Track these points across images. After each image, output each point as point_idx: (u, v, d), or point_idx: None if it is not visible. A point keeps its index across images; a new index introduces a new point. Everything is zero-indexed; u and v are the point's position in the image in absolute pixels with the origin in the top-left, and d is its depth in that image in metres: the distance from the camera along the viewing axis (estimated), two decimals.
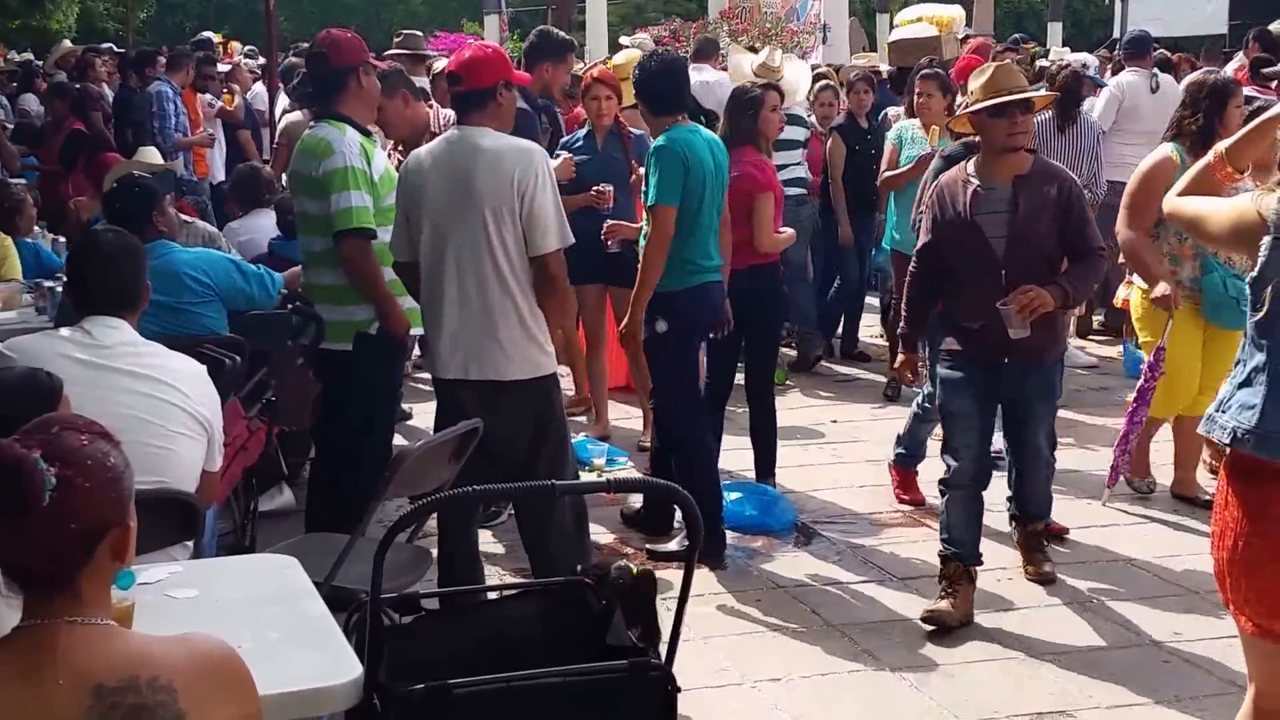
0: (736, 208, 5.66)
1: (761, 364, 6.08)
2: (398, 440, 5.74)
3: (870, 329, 9.10)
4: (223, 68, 12.82)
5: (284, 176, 6.79)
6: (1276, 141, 3.54)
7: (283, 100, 10.37)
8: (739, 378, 6.08)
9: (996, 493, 5.14)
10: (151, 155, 8.62)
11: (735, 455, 6.24)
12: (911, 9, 12.27)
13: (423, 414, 6.71)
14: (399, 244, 4.44)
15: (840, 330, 9.05)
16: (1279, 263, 2.91)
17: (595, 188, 6.45)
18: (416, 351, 6.80)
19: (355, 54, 4.88)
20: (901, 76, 9.99)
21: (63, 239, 7.34)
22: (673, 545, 5.40)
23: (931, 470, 5.55)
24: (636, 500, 5.84)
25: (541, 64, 6.71)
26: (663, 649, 2.86)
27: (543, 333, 4.34)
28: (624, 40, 11.96)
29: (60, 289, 5.42)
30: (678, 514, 5.54)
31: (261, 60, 14.72)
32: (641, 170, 5.80)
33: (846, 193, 8.56)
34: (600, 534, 5.47)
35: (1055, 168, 4.83)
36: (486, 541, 5.25)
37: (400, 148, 6.30)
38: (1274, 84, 9.42)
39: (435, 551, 4.35)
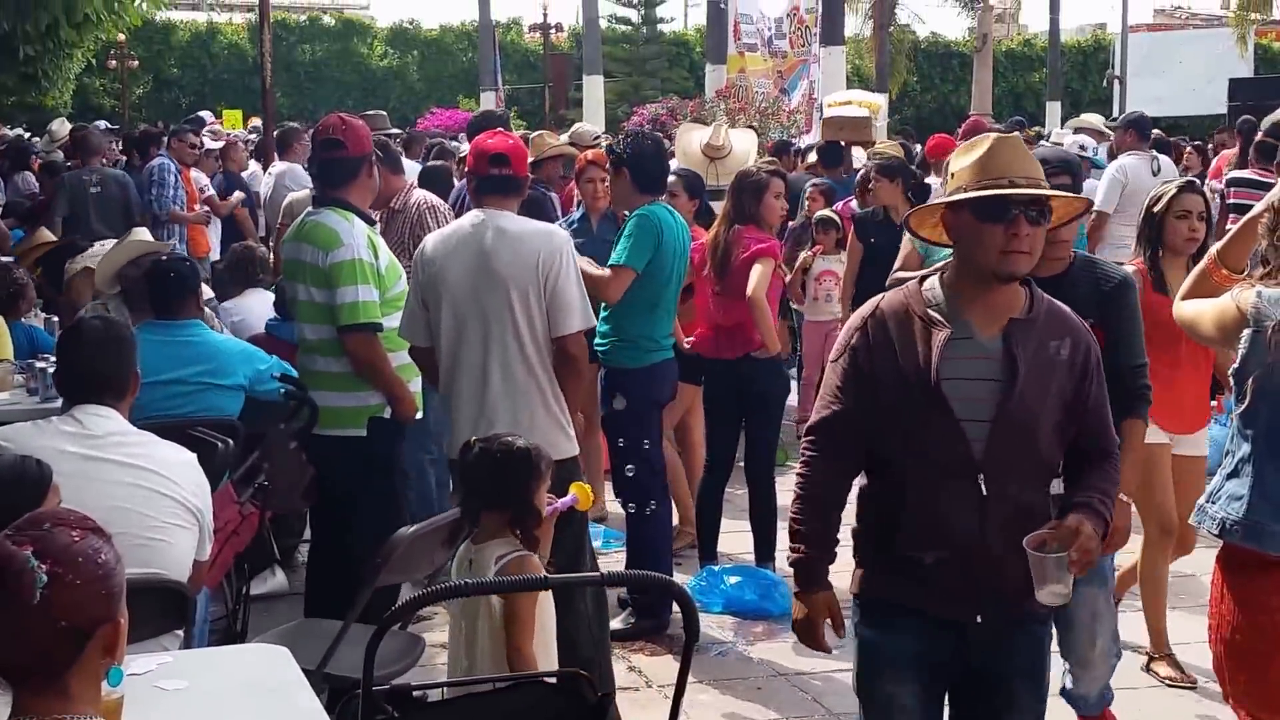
0: (741, 284, 5.77)
1: (762, 446, 6.10)
2: None
3: None
4: (215, 144, 12.94)
5: None
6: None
7: (275, 167, 10.45)
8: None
9: None
10: (142, 235, 8.65)
11: (735, 538, 6.22)
12: (841, 94, 12.66)
13: None
14: (415, 329, 4.48)
15: None
16: (1259, 354, 2.97)
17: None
18: None
19: (368, 143, 4.94)
20: (833, 150, 10.16)
21: (56, 318, 7.36)
22: (617, 623, 5.36)
23: None
24: None
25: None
26: None
27: (565, 415, 4.40)
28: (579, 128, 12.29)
29: (51, 370, 5.44)
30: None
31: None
32: None
33: (857, 294, 7.42)
34: None
35: (1064, 312, 2.99)
36: None
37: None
38: (1275, 165, 9.54)
39: (427, 638, 4.34)
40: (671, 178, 6.25)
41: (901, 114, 30.97)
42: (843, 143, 10.34)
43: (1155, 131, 11.47)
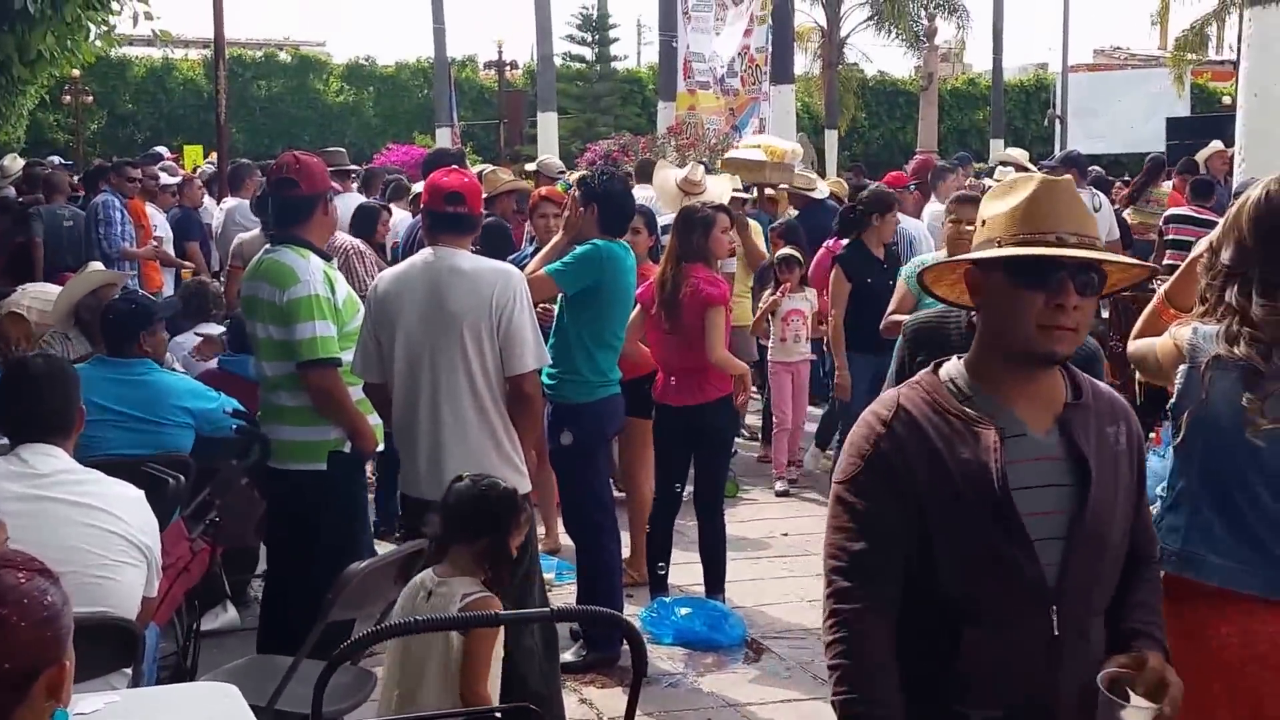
0: (692, 324, 5.78)
1: (712, 479, 6.11)
2: None
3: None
4: (171, 179, 12.86)
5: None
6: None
7: (227, 203, 10.40)
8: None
9: None
10: (97, 267, 8.58)
11: (685, 570, 6.23)
12: (755, 138, 12.79)
13: None
14: (368, 365, 4.47)
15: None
16: (1194, 390, 3.00)
17: (540, 305, 6.51)
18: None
19: (324, 180, 4.94)
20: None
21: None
22: (569, 655, 5.35)
23: None
24: None
25: None
26: None
27: (517, 453, 4.40)
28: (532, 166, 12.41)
29: None
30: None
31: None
32: None
33: (849, 336, 7.26)
34: None
35: (1108, 391, 2.51)
36: None
37: None
38: (1210, 203, 9.71)
39: (379, 673, 4.30)
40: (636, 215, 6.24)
41: (850, 150, 31.24)
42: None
43: (1095, 169, 11.67)
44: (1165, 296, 3.41)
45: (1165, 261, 10.16)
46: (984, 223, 2.34)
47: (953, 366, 2.35)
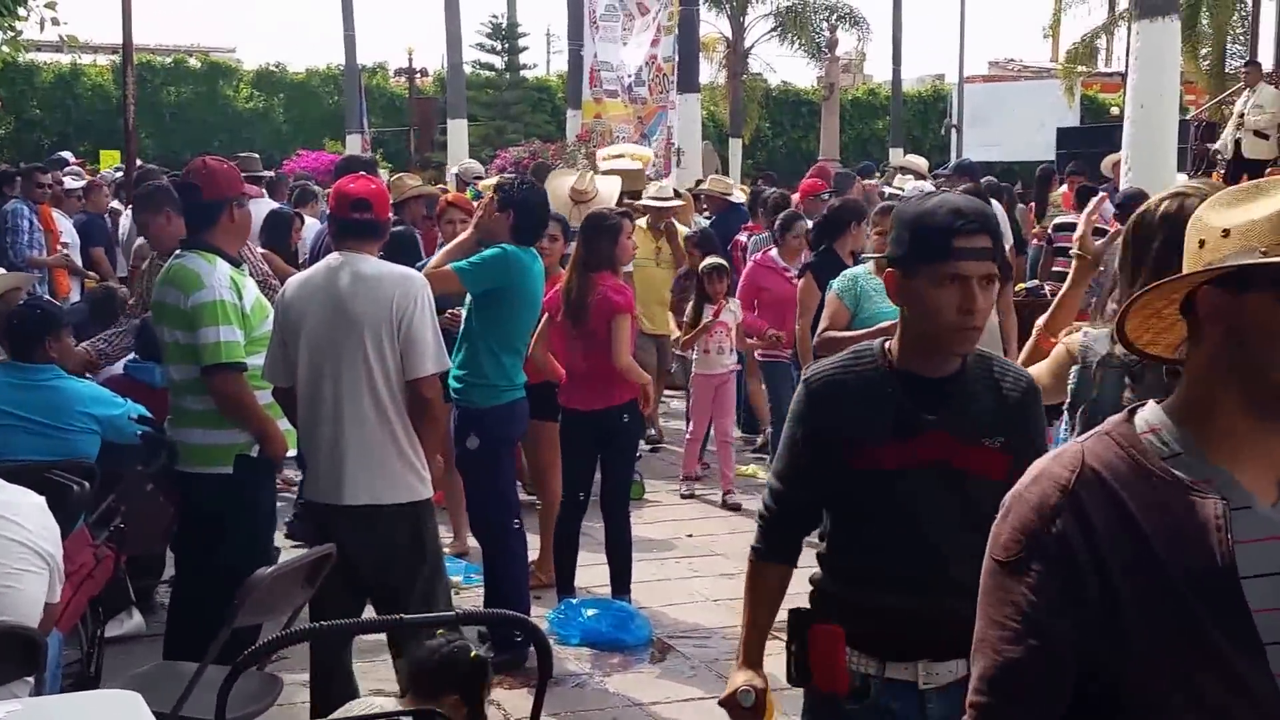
0: (598, 330, 5.78)
1: (618, 481, 6.12)
2: None
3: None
4: (76, 183, 12.59)
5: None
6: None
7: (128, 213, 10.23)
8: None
9: None
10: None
11: (591, 571, 6.23)
12: (613, 148, 12.88)
13: None
14: (276, 370, 4.44)
15: None
16: (1086, 388, 3.11)
17: (449, 311, 6.47)
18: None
19: (230, 186, 4.86)
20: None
21: None
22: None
23: None
24: None
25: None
26: None
27: (419, 458, 4.36)
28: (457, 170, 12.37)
29: None
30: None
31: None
32: None
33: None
34: None
35: None
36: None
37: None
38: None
39: (286, 678, 4.26)
40: (552, 222, 6.21)
41: (754, 158, 31.43)
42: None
43: (988, 179, 11.88)
44: (1044, 327, 3.52)
45: (1053, 269, 10.40)
46: (1225, 233, 1.67)
47: (1152, 413, 1.75)
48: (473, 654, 3.28)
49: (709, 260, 8.30)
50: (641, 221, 9.48)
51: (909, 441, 2.60)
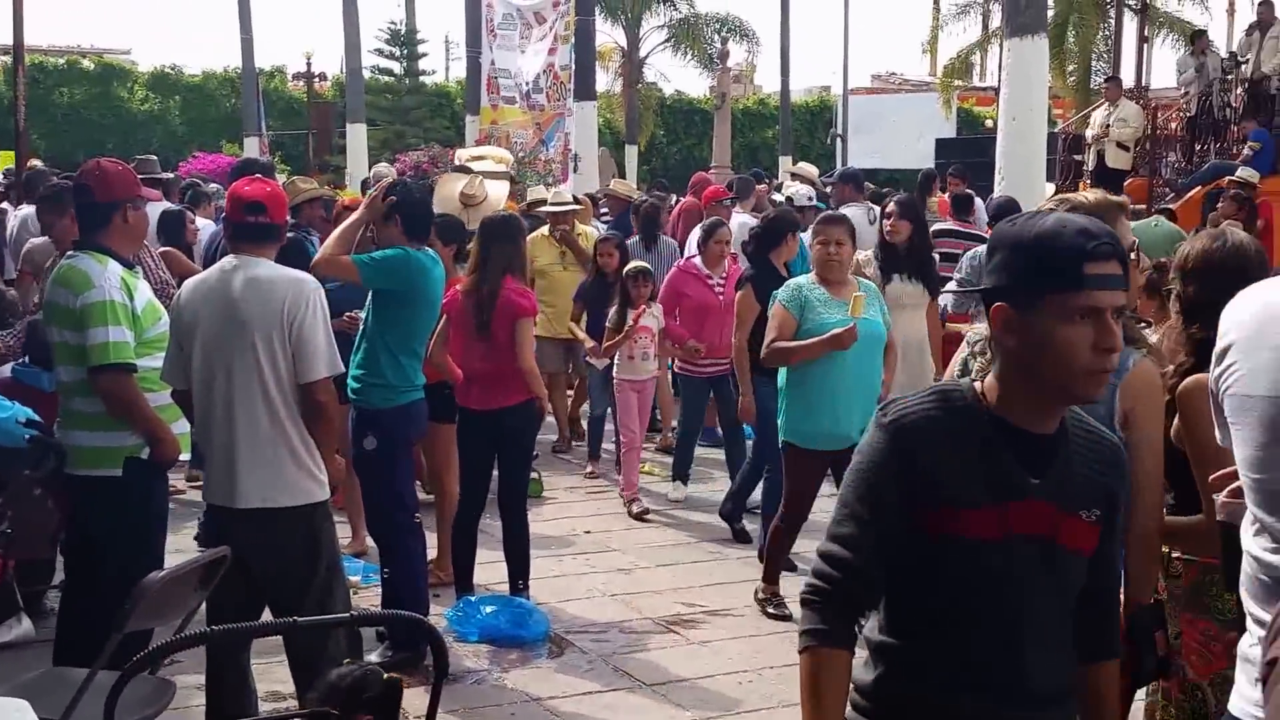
0: (500, 332, 5.71)
1: (516, 479, 6.04)
2: None
3: None
4: None
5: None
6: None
7: (20, 210, 9.90)
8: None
9: None
10: None
11: (490, 568, 6.15)
12: (474, 149, 12.88)
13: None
14: (173, 372, 4.33)
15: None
16: (968, 367, 3.27)
17: (347, 314, 6.34)
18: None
19: (123, 188, 4.69)
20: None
21: None
22: (374, 656, 5.23)
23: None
24: None
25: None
26: None
27: (314, 460, 4.26)
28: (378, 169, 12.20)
29: None
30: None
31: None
32: None
33: (754, 359, 6.33)
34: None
35: None
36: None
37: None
38: (972, 217, 10.10)
39: (182, 681, 4.12)
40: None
41: (649, 164, 31.53)
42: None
43: (871, 186, 12.02)
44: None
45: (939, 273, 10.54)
46: None
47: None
48: (385, 676, 3.20)
49: (634, 264, 8.02)
50: (546, 228, 9.40)
51: (1007, 508, 2.10)
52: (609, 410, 8.54)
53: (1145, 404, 3.01)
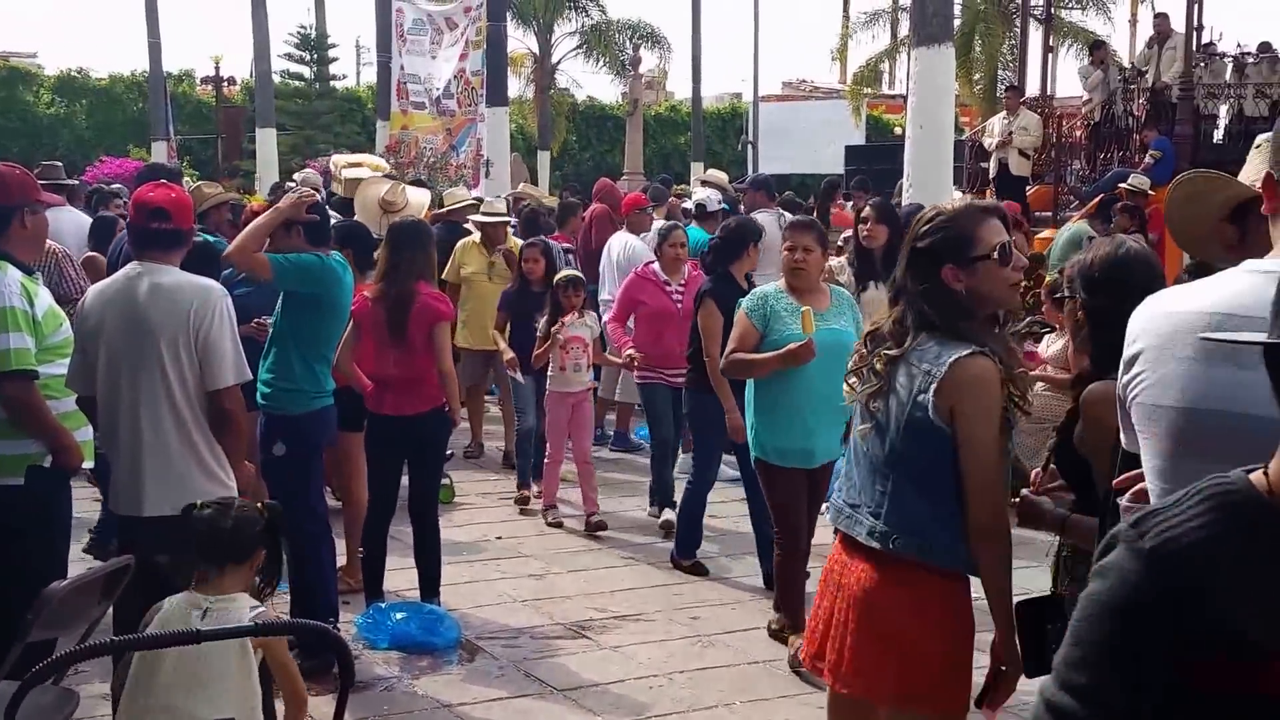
0: (415, 337, 5.70)
1: (427, 486, 6.03)
2: None
3: None
4: None
5: None
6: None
7: None
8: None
9: None
10: None
11: (401, 575, 6.12)
12: (350, 156, 12.89)
13: None
14: (78, 379, 4.27)
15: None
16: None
17: (255, 320, 6.28)
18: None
19: (21, 193, 4.61)
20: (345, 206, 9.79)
21: None
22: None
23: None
24: None
25: None
26: None
27: (223, 467, 4.24)
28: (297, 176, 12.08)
29: None
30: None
31: None
32: None
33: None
34: None
35: None
36: None
37: None
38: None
39: (86, 690, 4.06)
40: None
41: (562, 170, 31.50)
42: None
43: (787, 194, 12.16)
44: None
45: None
46: None
47: None
48: (259, 505, 3.53)
49: (565, 273, 7.76)
50: (475, 237, 9.23)
51: None
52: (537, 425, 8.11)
53: (969, 402, 3.01)
